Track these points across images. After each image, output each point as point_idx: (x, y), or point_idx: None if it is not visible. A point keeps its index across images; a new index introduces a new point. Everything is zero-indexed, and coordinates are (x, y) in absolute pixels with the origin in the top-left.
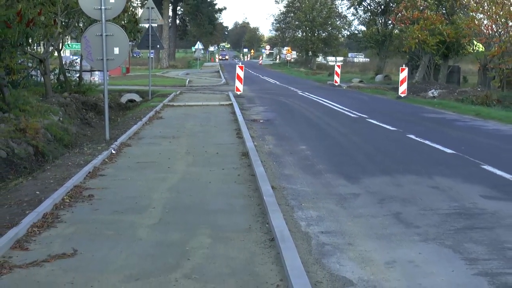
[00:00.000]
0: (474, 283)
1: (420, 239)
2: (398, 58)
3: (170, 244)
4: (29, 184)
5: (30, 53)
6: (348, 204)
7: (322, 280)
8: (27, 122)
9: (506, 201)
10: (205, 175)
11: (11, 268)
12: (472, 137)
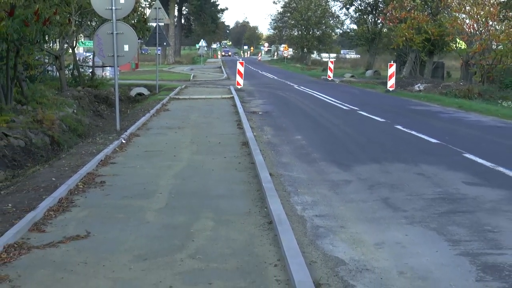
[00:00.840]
0: (456, 263)
1: (406, 222)
2: (386, 55)
3: (175, 226)
4: (46, 171)
5: (46, 50)
6: (340, 190)
7: (316, 260)
8: (43, 114)
9: (486, 187)
10: (208, 163)
11: (29, 249)
12: (455, 128)
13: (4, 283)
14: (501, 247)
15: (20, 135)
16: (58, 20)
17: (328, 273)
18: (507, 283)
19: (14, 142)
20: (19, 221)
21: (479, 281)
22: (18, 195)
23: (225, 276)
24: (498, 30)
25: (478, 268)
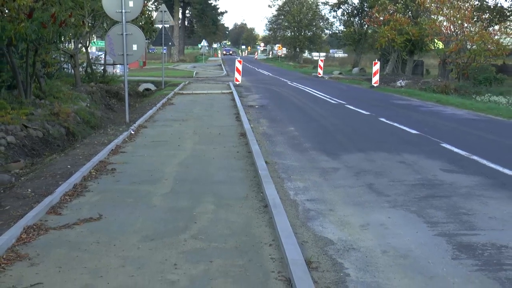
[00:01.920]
0: (434, 242)
1: (389, 206)
2: (371, 54)
3: (179, 210)
4: (62, 159)
5: (62, 49)
6: (329, 176)
7: (307, 240)
8: (60, 107)
9: (461, 174)
10: (209, 152)
11: (47, 230)
12: (433, 120)
13: (24, 260)
14: (474, 228)
15: (39, 127)
16: (73, 22)
17: (318, 252)
18: (480, 260)
19: (33, 133)
20: (37, 205)
21: (455, 259)
22: (36, 181)
23: (224, 254)
24: (472, 31)
25: (454, 247)
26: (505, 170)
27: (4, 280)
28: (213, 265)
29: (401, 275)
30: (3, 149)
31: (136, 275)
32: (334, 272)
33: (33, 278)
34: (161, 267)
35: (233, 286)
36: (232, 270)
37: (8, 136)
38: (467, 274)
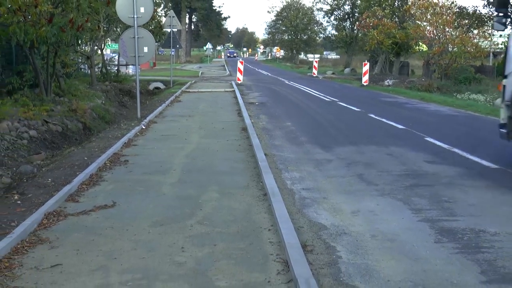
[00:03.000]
0: (418, 227)
1: (378, 194)
2: (361, 55)
3: (186, 197)
4: (79, 151)
5: (79, 51)
6: (323, 167)
7: (303, 225)
8: (77, 104)
9: (443, 165)
10: (213, 145)
11: (65, 216)
12: (418, 116)
13: (45, 244)
14: (455, 214)
15: (58, 122)
16: (89, 27)
17: (313, 236)
18: (460, 244)
19: (53, 128)
20: (57, 193)
21: (437, 243)
22: (56, 172)
23: (227, 238)
24: (453, 35)
25: (437, 232)
26: (483, 161)
27: (27, 262)
28: (217, 248)
29: (388, 257)
30: (26, 142)
31: (147, 257)
32: (327, 255)
33: (53, 259)
34: (169, 250)
35: (235, 267)
36: (234, 252)
37: (31, 130)
38: (448, 256)
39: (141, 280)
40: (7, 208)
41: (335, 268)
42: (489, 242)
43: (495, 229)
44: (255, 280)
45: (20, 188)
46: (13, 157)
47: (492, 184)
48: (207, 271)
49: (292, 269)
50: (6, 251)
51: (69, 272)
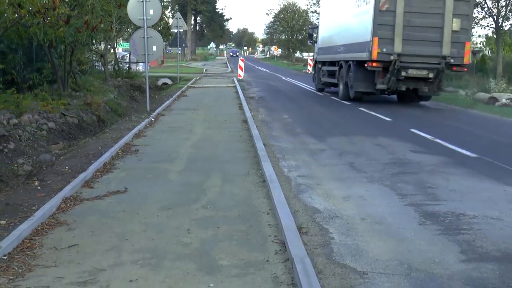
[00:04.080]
0: (404, 211)
1: (367, 181)
2: None
3: (192, 184)
4: (94, 142)
5: (94, 50)
6: (317, 156)
7: (299, 209)
8: (92, 98)
9: (427, 154)
10: (217, 136)
11: (81, 201)
12: (404, 109)
13: (63, 226)
14: (438, 199)
15: (75, 115)
16: (102, 28)
17: (308, 219)
18: (442, 226)
19: (70, 120)
20: (73, 180)
21: (421, 225)
22: (73, 160)
23: (229, 221)
24: None
25: (421, 215)
26: (463, 151)
27: (47, 242)
28: (220, 230)
29: (376, 239)
30: (45, 133)
31: (156, 239)
32: (321, 236)
33: (70, 240)
34: (176, 231)
35: (236, 247)
36: (235, 234)
37: (49, 122)
38: (431, 237)
39: (151, 259)
40: (28, 194)
41: (328, 248)
42: (469, 225)
43: (474, 213)
44: (255, 260)
45: (40, 175)
46: (34, 146)
47: (471, 172)
48: (211, 251)
49: (288, 249)
50: (28, 232)
51: (85, 252)
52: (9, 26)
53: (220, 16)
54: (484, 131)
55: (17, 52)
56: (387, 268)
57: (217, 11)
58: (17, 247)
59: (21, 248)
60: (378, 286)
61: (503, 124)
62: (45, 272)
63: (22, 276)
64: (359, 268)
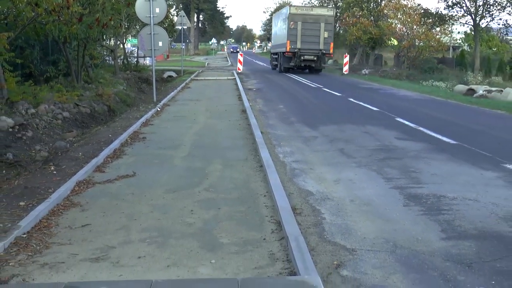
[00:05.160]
0: (390, 193)
1: (356, 166)
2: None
3: (195, 169)
4: (104, 130)
5: (104, 45)
6: (310, 143)
7: (293, 192)
8: (103, 90)
9: (411, 141)
10: (218, 124)
11: (93, 184)
12: (390, 100)
13: (76, 207)
14: (420, 182)
15: (87, 105)
16: (112, 25)
17: (301, 201)
18: (424, 207)
19: (83, 110)
20: (86, 165)
21: (405, 206)
22: (85, 147)
23: (229, 203)
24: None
25: (405, 197)
26: (444, 138)
27: (62, 222)
28: (220, 211)
29: (364, 219)
30: (60, 122)
31: (162, 219)
32: (313, 216)
33: (83, 220)
34: (181, 212)
35: (236, 227)
36: (235, 215)
37: (64, 112)
38: (415, 217)
39: (157, 237)
40: (45, 177)
41: (319, 227)
42: (448, 206)
43: (454, 195)
44: (253, 238)
45: (56, 160)
46: (50, 134)
47: (451, 157)
48: (213, 230)
49: (283, 228)
50: (45, 213)
51: (97, 231)
52: (26, 23)
53: (221, 14)
54: (463, 120)
55: (34, 47)
56: (374, 245)
57: (218, 9)
58: (35, 226)
59: (39, 227)
60: (366, 262)
61: (480, 114)
62: (60, 249)
63: (40, 253)
64: (349, 246)
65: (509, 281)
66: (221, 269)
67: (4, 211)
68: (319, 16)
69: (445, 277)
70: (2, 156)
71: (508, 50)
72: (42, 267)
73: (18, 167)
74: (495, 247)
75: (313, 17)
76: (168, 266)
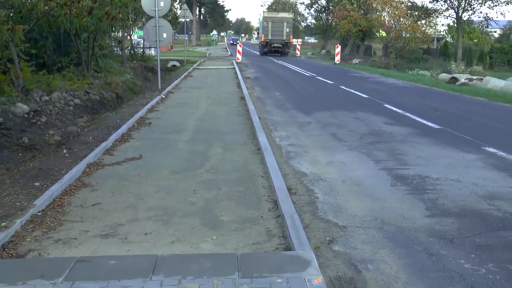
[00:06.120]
0: (379, 175)
1: (347, 149)
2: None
3: (197, 152)
4: (113, 116)
5: (113, 37)
6: (304, 128)
7: (288, 173)
8: (111, 79)
9: (398, 126)
10: (218, 110)
11: (103, 166)
12: (379, 88)
13: (87, 187)
14: (407, 164)
15: (97, 92)
16: (120, 18)
17: (296, 182)
18: (410, 186)
19: (93, 97)
20: (96, 148)
21: (393, 186)
22: (95, 131)
23: (229, 184)
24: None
25: (392, 178)
26: (429, 123)
27: (74, 201)
28: (221, 191)
29: (355, 198)
30: (72, 108)
31: (167, 198)
32: (307, 196)
33: (94, 199)
34: (184, 192)
35: (235, 206)
36: (234, 194)
37: (75, 99)
38: (401, 196)
39: (162, 216)
40: (58, 160)
41: (313, 206)
42: (432, 185)
43: (437, 175)
44: (251, 216)
45: (68, 144)
46: (62, 120)
47: (435, 141)
48: (214, 209)
49: (280, 207)
50: (58, 193)
51: (106, 209)
52: (40, 17)
53: (221, 7)
54: (446, 106)
55: (47, 39)
56: (363, 222)
57: (219, 3)
58: (49, 205)
59: (53, 206)
60: (356, 238)
61: (462, 100)
62: (73, 226)
63: (54, 229)
64: (340, 223)
65: (487, 255)
66: (221, 245)
67: (21, 191)
68: (282, 18)
69: (429, 251)
70: (19, 140)
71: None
72: (56, 242)
73: (33, 150)
74: (475, 223)
75: (279, 18)
76: (172, 242)
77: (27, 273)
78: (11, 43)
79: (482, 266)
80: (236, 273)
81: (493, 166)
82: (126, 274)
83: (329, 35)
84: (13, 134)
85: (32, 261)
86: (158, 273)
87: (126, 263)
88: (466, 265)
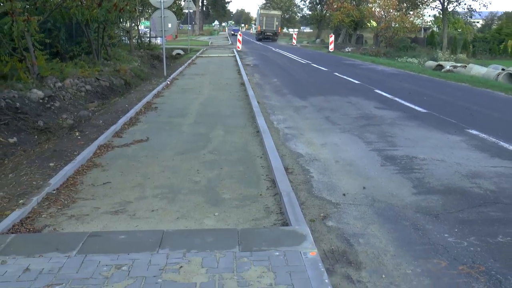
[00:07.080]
0: (370, 155)
1: (340, 131)
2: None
3: (200, 134)
4: (122, 101)
5: (121, 27)
6: (300, 112)
7: (285, 154)
8: (120, 66)
9: (387, 110)
10: (220, 95)
11: (113, 147)
12: (370, 74)
13: (98, 167)
14: (396, 145)
15: (106, 79)
16: (128, 9)
17: (293, 162)
18: (399, 166)
19: (103, 83)
20: (106, 131)
21: (383, 166)
22: (105, 115)
23: (230, 164)
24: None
25: (382, 158)
26: (416, 107)
27: (86, 180)
28: (223, 171)
29: (347, 177)
30: (83, 94)
31: (172, 178)
32: (303, 175)
33: (104, 179)
34: (188, 172)
35: (236, 184)
36: (235, 174)
37: (87, 85)
38: (390, 175)
39: (168, 193)
40: (71, 142)
41: (308, 185)
42: (419, 165)
43: (424, 156)
44: (251, 194)
45: (80, 127)
46: (74, 105)
47: (422, 124)
48: (216, 187)
49: (277, 185)
50: (71, 173)
51: (116, 188)
52: (54, 8)
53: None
54: (433, 92)
55: (60, 29)
56: (355, 200)
57: None
58: (63, 184)
59: (66, 185)
60: (348, 214)
61: (448, 86)
62: (85, 204)
63: (68, 207)
64: (333, 200)
65: (469, 229)
66: (223, 220)
67: (37, 171)
68: (274, 14)
69: (415, 226)
70: (34, 123)
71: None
72: (69, 218)
73: (48, 133)
74: (458, 200)
75: (271, 14)
76: (177, 218)
77: (44, 247)
78: (27, 33)
79: (464, 239)
80: (236, 247)
81: (476, 147)
82: (135, 248)
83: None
84: (29, 118)
85: (48, 236)
86: (164, 247)
87: (134, 238)
88: (449, 238)
